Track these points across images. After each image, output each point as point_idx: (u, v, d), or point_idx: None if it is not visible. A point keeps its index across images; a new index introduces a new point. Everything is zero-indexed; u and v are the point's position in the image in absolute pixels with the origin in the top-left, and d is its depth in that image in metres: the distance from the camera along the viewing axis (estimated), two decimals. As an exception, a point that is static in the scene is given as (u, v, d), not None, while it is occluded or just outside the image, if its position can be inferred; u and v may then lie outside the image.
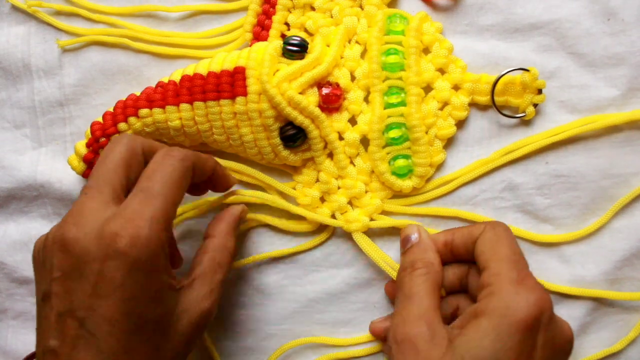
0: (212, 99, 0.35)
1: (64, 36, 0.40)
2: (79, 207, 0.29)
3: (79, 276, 0.27)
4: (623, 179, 0.36)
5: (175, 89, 0.36)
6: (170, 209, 0.29)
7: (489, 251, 0.31)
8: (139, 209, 0.28)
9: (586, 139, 0.36)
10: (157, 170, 0.29)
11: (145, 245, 0.27)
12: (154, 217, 0.28)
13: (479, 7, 0.37)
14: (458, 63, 0.36)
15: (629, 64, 0.35)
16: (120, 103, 0.37)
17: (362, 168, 0.37)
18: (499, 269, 0.30)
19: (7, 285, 0.42)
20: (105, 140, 0.37)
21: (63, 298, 0.27)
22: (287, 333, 0.39)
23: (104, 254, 0.27)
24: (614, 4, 0.35)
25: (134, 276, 0.27)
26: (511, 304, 0.28)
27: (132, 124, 0.36)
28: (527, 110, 0.35)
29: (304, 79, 0.35)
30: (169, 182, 0.29)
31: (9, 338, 0.42)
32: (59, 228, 0.28)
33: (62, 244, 0.27)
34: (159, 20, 0.40)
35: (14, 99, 0.41)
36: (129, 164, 0.30)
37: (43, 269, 0.29)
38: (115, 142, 0.31)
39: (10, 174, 0.41)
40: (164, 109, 0.36)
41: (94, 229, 0.27)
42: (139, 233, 0.27)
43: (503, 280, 0.29)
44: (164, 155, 0.30)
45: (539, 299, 0.28)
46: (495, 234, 0.32)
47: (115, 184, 0.29)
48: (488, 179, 0.37)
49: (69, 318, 0.27)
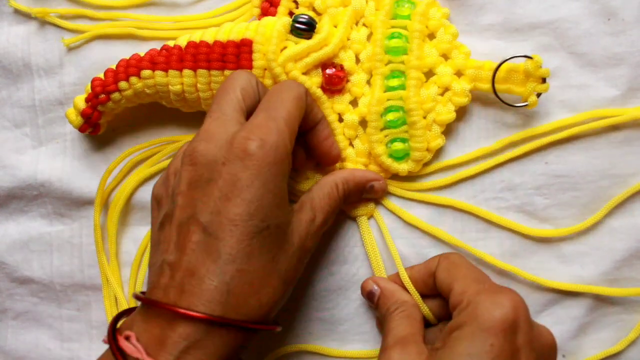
0: (216, 69, 0.35)
1: (65, 34, 0.40)
2: (206, 127, 0.30)
3: (206, 183, 0.28)
4: (622, 179, 0.36)
5: (180, 54, 0.36)
6: (292, 122, 0.30)
7: (449, 277, 0.32)
8: (265, 121, 0.29)
9: (585, 139, 0.36)
10: (275, 93, 0.31)
11: (274, 149, 0.28)
12: (280, 127, 0.29)
13: (479, 6, 0.37)
14: (462, 49, 0.36)
15: (628, 64, 0.35)
16: (123, 62, 0.37)
17: (361, 150, 0.37)
18: (463, 286, 0.31)
19: (7, 285, 0.42)
20: (104, 97, 0.37)
21: (187, 207, 0.28)
22: (285, 330, 0.39)
23: (235, 157, 0.28)
24: (614, 4, 0.35)
25: (262, 177, 0.28)
26: (484, 309, 0.28)
27: (134, 84, 0.36)
28: (529, 99, 0.35)
29: (309, 59, 0.35)
30: (288, 100, 0.31)
31: (8, 338, 0.42)
32: (189, 145, 0.30)
33: (192, 157, 0.29)
34: (166, 11, 0.40)
35: (15, 98, 0.41)
36: (247, 92, 0.32)
37: (165, 196, 0.31)
38: (235, 74, 0.32)
39: (10, 173, 0.41)
40: (166, 73, 0.36)
41: (223, 139, 0.29)
42: (267, 138, 0.28)
43: (471, 294, 0.30)
44: (280, 84, 0.33)
45: (512, 299, 0.29)
46: (451, 262, 0.33)
47: (237, 108, 0.31)
48: (487, 178, 0.37)
49: (192, 225, 0.28)
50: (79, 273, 0.41)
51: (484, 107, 0.37)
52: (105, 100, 0.37)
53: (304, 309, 0.38)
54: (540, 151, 0.36)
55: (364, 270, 0.38)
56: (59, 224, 0.41)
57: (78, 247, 0.41)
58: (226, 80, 0.32)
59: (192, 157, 0.29)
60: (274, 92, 0.31)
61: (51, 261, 0.41)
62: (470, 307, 0.29)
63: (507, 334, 0.28)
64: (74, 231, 0.41)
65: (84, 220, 0.41)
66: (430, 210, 0.37)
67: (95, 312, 0.41)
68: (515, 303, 0.28)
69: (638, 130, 0.36)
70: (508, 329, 0.28)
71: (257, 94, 0.32)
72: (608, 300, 0.37)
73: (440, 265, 0.33)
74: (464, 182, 0.37)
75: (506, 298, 0.29)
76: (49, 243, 0.41)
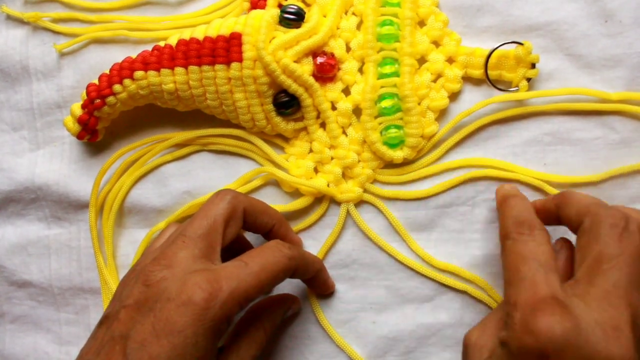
0: (207, 64, 0.35)
1: (62, 38, 0.40)
2: (173, 251, 0.30)
3: (148, 310, 0.28)
4: (621, 180, 0.36)
5: (171, 52, 0.36)
6: (254, 292, 0.29)
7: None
8: (229, 276, 0.29)
9: (583, 140, 0.36)
10: (264, 254, 0.31)
11: (218, 308, 0.28)
12: (238, 290, 0.29)
13: (477, 8, 0.37)
14: (452, 36, 0.36)
15: (626, 66, 0.35)
16: (116, 65, 0.37)
17: (354, 138, 0.37)
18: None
19: (5, 288, 0.42)
20: (100, 102, 0.37)
21: (125, 324, 0.28)
22: (281, 333, 0.39)
23: (179, 299, 0.28)
24: (612, 6, 0.35)
25: (194, 329, 0.27)
26: None
27: (127, 86, 0.36)
28: (519, 84, 0.35)
29: (299, 47, 0.35)
30: (268, 271, 0.30)
31: (6, 342, 0.42)
32: (149, 266, 0.29)
33: (148, 279, 0.29)
34: (159, 10, 0.40)
35: (12, 101, 0.41)
36: (228, 222, 0.31)
37: (118, 297, 0.30)
38: (220, 197, 0.32)
39: (7, 176, 0.41)
40: (158, 72, 0.36)
41: (180, 274, 0.29)
42: (218, 295, 0.28)
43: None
44: (276, 246, 0.32)
45: None
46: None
47: (212, 241, 0.31)
48: (486, 179, 0.37)
49: (119, 344, 0.28)
50: (77, 276, 0.41)
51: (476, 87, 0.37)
52: (101, 105, 0.37)
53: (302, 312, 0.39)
54: (538, 153, 0.36)
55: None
56: (57, 227, 0.41)
57: (76, 250, 0.41)
58: (211, 200, 0.32)
59: (147, 279, 0.29)
60: (264, 252, 0.31)
61: (49, 264, 0.41)
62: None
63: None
64: (72, 234, 0.41)
65: (81, 223, 0.41)
66: (428, 210, 0.37)
67: (93, 316, 0.41)
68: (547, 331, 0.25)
69: (635, 131, 0.36)
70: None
71: (242, 219, 0.32)
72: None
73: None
74: (464, 184, 0.37)
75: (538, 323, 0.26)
76: (47, 246, 0.41)
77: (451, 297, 0.37)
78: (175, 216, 0.39)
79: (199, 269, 0.29)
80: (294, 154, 0.38)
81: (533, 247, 0.29)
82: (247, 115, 0.37)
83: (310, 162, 0.37)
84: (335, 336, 0.38)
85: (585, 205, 0.30)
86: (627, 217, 0.28)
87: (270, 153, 0.38)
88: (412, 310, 0.37)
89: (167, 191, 0.40)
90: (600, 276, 0.27)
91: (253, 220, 0.34)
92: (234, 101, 0.36)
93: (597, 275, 0.27)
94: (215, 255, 0.31)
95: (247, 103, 0.36)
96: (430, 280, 0.37)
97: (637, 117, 0.36)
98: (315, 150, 0.37)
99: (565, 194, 0.32)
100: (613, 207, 0.30)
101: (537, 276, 0.27)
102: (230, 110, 0.37)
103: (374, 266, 0.38)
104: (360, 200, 0.38)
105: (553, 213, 0.32)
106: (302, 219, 0.38)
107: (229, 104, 0.36)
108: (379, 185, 0.38)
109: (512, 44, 0.35)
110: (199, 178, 0.39)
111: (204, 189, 0.39)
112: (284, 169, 0.38)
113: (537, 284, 0.27)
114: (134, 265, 0.32)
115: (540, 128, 0.36)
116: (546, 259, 0.28)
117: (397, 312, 0.38)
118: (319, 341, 0.38)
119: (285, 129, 0.37)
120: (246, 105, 0.36)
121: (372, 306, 0.38)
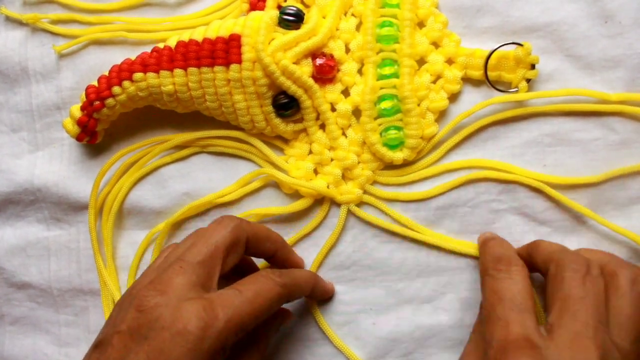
0: (206, 65, 0.35)
1: (61, 40, 0.40)
2: (170, 276, 0.29)
3: (142, 338, 0.27)
4: (620, 181, 0.36)
5: (170, 54, 0.36)
6: (250, 320, 0.29)
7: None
8: (224, 304, 0.28)
9: (582, 141, 0.36)
10: (257, 284, 0.30)
11: (214, 337, 0.27)
12: (233, 319, 0.28)
13: (477, 9, 0.37)
14: (452, 37, 0.36)
15: (625, 67, 0.35)
16: (115, 67, 0.37)
17: (353, 139, 0.37)
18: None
19: (5, 290, 0.42)
20: (99, 104, 0.37)
21: (118, 352, 0.27)
22: (284, 334, 0.39)
23: (173, 328, 0.27)
24: (612, 6, 0.35)
25: (190, 359, 0.27)
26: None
27: (126, 88, 0.36)
28: (519, 85, 0.35)
29: (298, 48, 0.35)
30: (262, 297, 0.30)
31: (6, 344, 0.42)
32: (144, 290, 0.29)
33: (141, 304, 0.28)
34: (158, 11, 0.40)
35: (12, 103, 0.41)
36: (229, 250, 0.31)
37: (112, 319, 0.29)
38: (223, 225, 0.31)
39: (7, 177, 0.41)
40: (158, 74, 0.36)
41: (175, 301, 0.28)
42: (213, 324, 0.27)
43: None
44: (268, 275, 0.31)
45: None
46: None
47: (211, 268, 0.30)
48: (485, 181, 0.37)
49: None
50: (77, 278, 0.41)
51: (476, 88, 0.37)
52: (100, 107, 0.37)
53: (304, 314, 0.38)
54: (538, 154, 0.36)
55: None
56: (56, 229, 0.41)
57: (76, 252, 0.41)
58: (214, 226, 0.32)
59: (141, 304, 0.28)
60: (258, 281, 0.31)
61: (49, 266, 0.41)
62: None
63: None
64: (72, 236, 0.41)
65: (81, 225, 0.41)
66: (428, 212, 0.37)
67: (92, 317, 0.41)
68: None
69: (635, 132, 0.36)
70: None
71: (244, 246, 0.32)
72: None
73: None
74: (464, 185, 0.37)
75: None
76: (47, 248, 0.41)
77: (451, 299, 0.37)
78: (174, 218, 0.39)
79: (194, 297, 0.28)
80: (293, 155, 0.38)
81: (509, 285, 0.30)
82: (246, 117, 0.37)
83: (310, 164, 0.37)
84: (334, 338, 0.38)
85: (550, 253, 0.31)
86: (588, 262, 0.30)
87: (270, 154, 0.38)
88: (412, 311, 0.37)
89: (167, 193, 0.39)
90: (569, 318, 0.28)
91: (255, 247, 0.33)
92: (233, 103, 0.36)
93: (565, 317, 0.28)
94: (212, 284, 0.30)
95: (246, 104, 0.36)
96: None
97: (636, 118, 0.36)
98: (315, 151, 0.37)
99: (534, 242, 0.33)
100: (575, 252, 0.31)
101: (511, 316, 0.28)
102: (230, 112, 0.37)
103: (374, 267, 0.38)
104: (360, 201, 0.38)
105: (527, 261, 0.33)
106: (302, 221, 0.38)
107: (228, 106, 0.36)
108: (378, 187, 0.38)
109: (512, 44, 0.35)
110: (198, 180, 0.39)
111: (203, 190, 0.39)
112: (284, 170, 0.38)
113: (510, 324, 0.28)
114: (131, 287, 0.31)
115: (540, 129, 0.36)
116: (522, 298, 0.29)
117: (397, 314, 0.37)
118: (319, 343, 0.38)
119: (284, 130, 0.37)
120: (245, 106, 0.36)
121: (372, 307, 0.38)
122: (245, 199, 0.39)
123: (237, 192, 0.38)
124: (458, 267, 0.37)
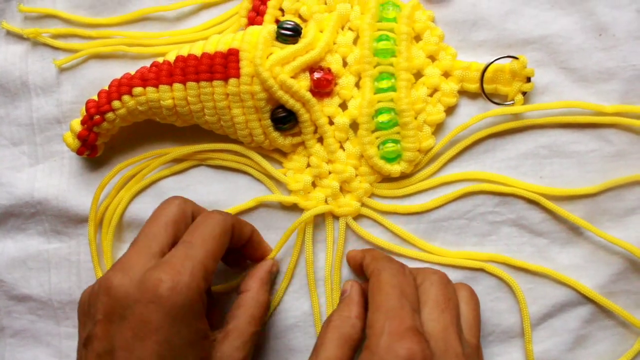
0: (205, 80, 0.36)
1: (62, 54, 0.41)
2: (126, 257, 0.30)
3: (120, 319, 0.28)
4: (617, 192, 0.36)
5: (169, 68, 0.36)
6: (209, 261, 0.31)
7: (371, 303, 0.31)
8: (181, 259, 0.30)
9: (579, 152, 0.36)
10: (199, 227, 0.32)
11: (185, 292, 0.28)
12: (195, 267, 0.29)
13: (472, 23, 0.37)
14: (448, 50, 0.37)
15: (620, 79, 0.36)
16: (115, 81, 0.37)
17: (351, 152, 0.37)
18: (372, 319, 0.30)
19: (5, 303, 0.42)
20: (99, 118, 0.37)
21: (104, 340, 0.28)
22: (282, 349, 0.39)
23: (145, 298, 0.28)
24: (605, 19, 0.36)
25: (171, 320, 0.28)
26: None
27: (126, 102, 0.37)
28: (515, 98, 0.36)
29: (296, 63, 0.35)
30: (209, 238, 0.31)
31: (6, 357, 0.42)
32: (105, 275, 0.30)
33: (107, 289, 0.29)
34: (158, 25, 0.40)
35: (12, 117, 0.42)
36: (177, 224, 0.32)
37: (87, 315, 0.30)
38: (168, 202, 0.33)
39: (7, 190, 0.41)
40: (157, 88, 0.36)
41: (137, 275, 0.29)
42: (179, 279, 0.29)
43: (377, 330, 0.29)
44: (206, 215, 0.33)
45: (410, 349, 0.27)
46: (375, 282, 0.32)
47: (163, 242, 0.31)
48: (483, 193, 0.37)
49: (108, 359, 0.28)
50: (77, 290, 0.41)
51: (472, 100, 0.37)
52: (100, 121, 0.37)
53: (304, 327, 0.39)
54: (534, 166, 0.36)
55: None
56: (57, 242, 0.41)
57: (76, 265, 0.41)
58: (160, 206, 0.33)
59: (107, 288, 0.29)
60: (198, 226, 0.32)
61: (49, 278, 0.41)
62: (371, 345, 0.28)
63: None
64: (72, 248, 0.41)
65: (81, 237, 0.41)
66: (426, 224, 0.37)
67: (93, 330, 0.41)
68: (411, 354, 0.27)
69: (631, 144, 0.36)
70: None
71: (190, 221, 0.33)
72: (605, 312, 0.37)
73: (369, 283, 0.32)
74: (461, 198, 0.37)
75: (404, 347, 0.27)
76: (47, 260, 0.41)
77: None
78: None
79: (153, 265, 0.29)
80: (291, 168, 0.38)
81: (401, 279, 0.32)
82: (245, 131, 0.37)
83: (308, 177, 0.38)
84: None
85: (367, 264, 0.34)
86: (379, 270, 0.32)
87: (268, 168, 0.38)
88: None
89: (166, 205, 0.40)
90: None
91: (239, 232, 0.35)
92: (232, 117, 0.36)
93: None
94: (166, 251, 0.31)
95: (244, 118, 0.36)
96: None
97: (632, 130, 0.36)
98: (313, 164, 0.37)
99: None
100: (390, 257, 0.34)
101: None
102: (229, 126, 0.37)
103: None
104: (358, 214, 0.38)
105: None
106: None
107: (227, 120, 0.37)
108: (376, 199, 0.38)
109: (508, 58, 0.36)
110: (197, 193, 0.39)
111: (202, 203, 0.39)
112: (283, 183, 0.38)
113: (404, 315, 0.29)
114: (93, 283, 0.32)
115: (536, 141, 0.36)
116: (411, 291, 0.31)
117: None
118: None
119: (283, 144, 0.37)
120: (244, 120, 0.36)
121: None
122: (243, 215, 0.39)
123: (234, 208, 0.39)
124: (455, 279, 0.37)
